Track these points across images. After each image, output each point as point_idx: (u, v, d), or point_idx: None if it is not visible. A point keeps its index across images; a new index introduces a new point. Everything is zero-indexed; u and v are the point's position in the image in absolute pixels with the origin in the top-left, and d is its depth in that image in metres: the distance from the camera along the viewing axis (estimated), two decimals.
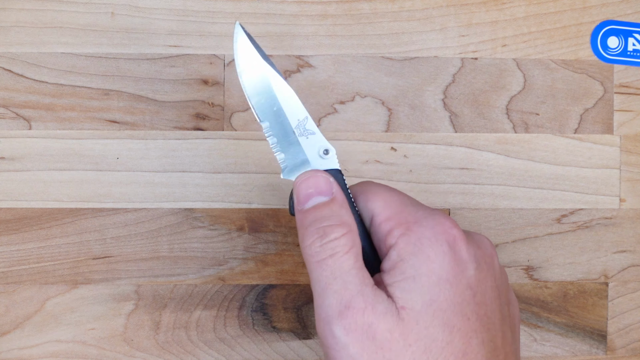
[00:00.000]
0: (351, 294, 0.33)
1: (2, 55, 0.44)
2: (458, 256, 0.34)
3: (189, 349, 0.46)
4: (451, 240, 0.34)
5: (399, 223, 0.35)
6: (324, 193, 0.35)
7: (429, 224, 0.34)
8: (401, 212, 0.35)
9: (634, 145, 0.48)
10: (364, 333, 0.33)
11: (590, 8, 0.48)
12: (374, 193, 0.36)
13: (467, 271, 0.34)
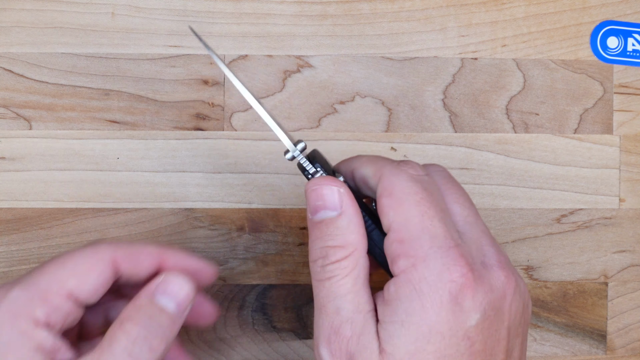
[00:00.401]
0: (341, 320, 0.32)
1: (3, 55, 0.44)
2: (459, 307, 0.31)
3: (189, 349, 0.46)
4: (455, 290, 0.31)
5: (408, 254, 0.32)
6: (333, 207, 0.34)
7: (436, 265, 0.31)
8: (415, 239, 0.32)
9: (634, 145, 0.48)
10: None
11: (589, 8, 0.48)
12: (398, 199, 0.33)
13: (467, 322, 0.31)
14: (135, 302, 0.34)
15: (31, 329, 0.32)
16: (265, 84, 0.46)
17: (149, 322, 0.33)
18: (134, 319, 0.33)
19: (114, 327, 0.33)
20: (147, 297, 0.34)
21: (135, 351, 0.33)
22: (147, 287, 0.35)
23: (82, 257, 0.35)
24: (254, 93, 0.39)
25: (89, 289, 0.34)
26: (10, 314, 0.32)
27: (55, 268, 0.34)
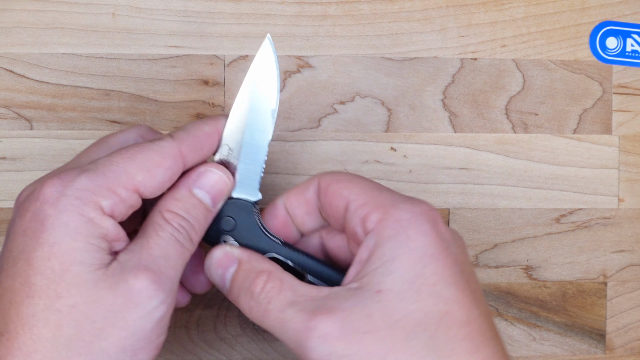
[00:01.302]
0: (308, 312, 0.33)
1: (4, 55, 0.44)
2: (440, 234, 0.33)
3: (189, 348, 0.46)
4: (432, 220, 0.34)
5: (376, 207, 0.34)
6: (230, 264, 0.36)
7: (407, 206, 0.34)
8: (377, 196, 0.35)
9: (633, 145, 0.49)
10: (340, 331, 0.32)
11: (589, 9, 0.48)
12: (348, 181, 0.36)
13: (450, 248, 0.34)
14: (174, 194, 0.35)
15: (98, 217, 0.33)
16: None
17: (187, 214, 0.35)
18: (174, 209, 0.35)
19: (156, 217, 0.34)
20: (187, 189, 0.35)
21: (180, 239, 0.34)
22: (186, 179, 0.36)
23: (151, 151, 0.35)
24: None
25: (156, 184, 0.34)
26: (78, 200, 0.33)
27: (123, 160, 0.34)
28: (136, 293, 0.32)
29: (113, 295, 0.32)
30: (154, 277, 0.33)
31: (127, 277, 0.32)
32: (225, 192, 0.37)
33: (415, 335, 0.31)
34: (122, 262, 0.33)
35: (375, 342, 0.31)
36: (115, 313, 0.32)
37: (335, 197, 0.36)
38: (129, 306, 0.32)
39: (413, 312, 0.32)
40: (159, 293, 0.33)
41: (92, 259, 0.32)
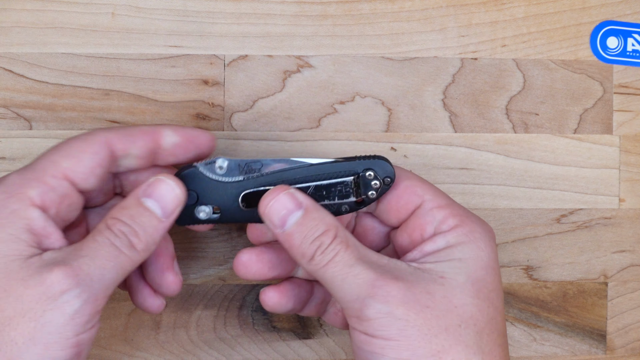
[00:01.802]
0: (375, 272, 0.35)
1: (3, 55, 0.44)
2: (496, 253, 0.38)
3: (189, 349, 0.46)
4: (494, 239, 0.38)
5: (453, 214, 0.38)
6: (296, 207, 0.36)
7: (478, 221, 0.38)
8: (452, 205, 0.38)
9: (633, 145, 0.48)
10: (403, 297, 0.34)
11: (589, 8, 0.48)
12: (420, 181, 0.39)
13: (499, 267, 0.38)
14: (122, 202, 0.36)
15: (23, 208, 0.33)
16: (265, 84, 0.46)
17: (131, 220, 0.35)
18: (118, 215, 0.35)
19: (100, 225, 0.35)
20: (135, 198, 0.36)
21: (117, 243, 0.34)
22: (137, 189, 0.36)
23: (76, 140, 0.36)
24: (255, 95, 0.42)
25: (84, 170, 0.35)
26: (4, 194, 0.34)
27: (50, 152, 0.35)
28: (49, 285, 0.32)
29: (23, 286, 0.32)
30: (70, 271, 0.33)
31: (42, 271, 0.33)
32: (177, 203, 0.36)
33: (467, 325, 0.35)
34: (44, 259, 0.33)
35: (433, 317, 0.34)
36: (25, 304, 0.32)
37: (407, 192, 0.39)
38: (40, 298, 0.32)
39: (470, 305, 0.35)
40: (73, 287, 0.32)
41: (9, 250, 0.33)
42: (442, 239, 0.37)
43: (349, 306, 0.35)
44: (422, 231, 0.38)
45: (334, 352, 0.47)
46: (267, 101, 0.46)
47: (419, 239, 0.38)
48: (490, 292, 0.36)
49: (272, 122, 0.46)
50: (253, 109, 0.46)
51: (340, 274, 0.35)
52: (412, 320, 0.34)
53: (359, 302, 0.35)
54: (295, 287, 0.40)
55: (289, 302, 0.40)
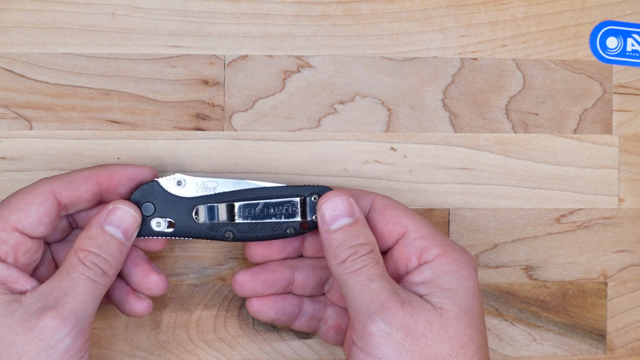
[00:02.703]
0: (389, 293, 0.38)
1: (3, 55, 0.44)
2: (478, 281, 0.40)
3: (189, 349, 0.46)
4: (476, 268, 0.40)
5: (436, 244, 0.40)
6: (349, 214, 0.40)
7: (460, 250, 0.40)
8: (435, 235, 0.40)
9: (633, 145, 0.49)
10: (405, 323, 0.37)
11: (589, 8, 0.48)
12: (405, 211, 0.41)
13: (481, 294, 0.40)
14: (87, 232, 0.39)
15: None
16: (265, 84, 0.46)
17: (99, 250, 0.38)
18: (87, 247, 0.38)
19: (71, 258, 0.38)
20: (97, 226, 0.39)
21: (92, 276, 0.37)
22: (96, 217, 0.39)
23: (22, 193, 0.39)
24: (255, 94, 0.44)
25: (32, 221, 0.38)
26: None
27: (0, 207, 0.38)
28: (39, 330, 0.36)
29: (14, 334, 0.35)
30: (56, 314, 0.36)
31: (30, 318, 0.36)
32: (135, 225, 0.40)
33: (456, 355, 0.37)
34: (26, 305, 0.36)
35: (426, 346, 0.37)
36: (18, 348, 0.35)
37: (392, 221, 0.41)
38: (32, 341, 0.35)
39: (462, 335, 0.38)
40: (62, 328, 0.36)
41: None
42: (428, 268, 0.39)
43: (357, 317, 0.38)
44: (407, 261, 0.40)
45: (334, 352, 0.47)
46: (267, 101, 0.46)
47: (403, 269, 0.41)
48: (478, 321, 0.39)
49: (272, 122, 0.46)
50: (253, 109, 0.46)
51: (361, 284, 0.38)
52: (408, 347, 0.37)
53: (366, 316, 0.37)
54: (279, 299, 0.43)
55: (270, 311, 0.43)
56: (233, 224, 0.41)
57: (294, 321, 0.44)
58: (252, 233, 0.42)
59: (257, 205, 0.42)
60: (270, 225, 0.42)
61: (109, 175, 0.40)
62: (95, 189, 0.40)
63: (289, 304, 0.43)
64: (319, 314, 0.44)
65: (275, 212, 0.41)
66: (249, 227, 0.41)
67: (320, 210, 0.40)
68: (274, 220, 0.41)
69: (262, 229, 0.42)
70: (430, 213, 0.47)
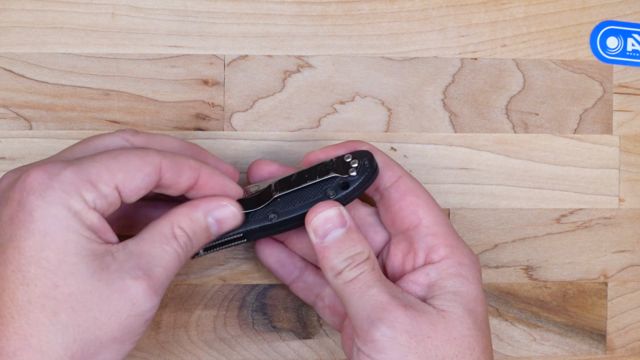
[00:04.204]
0: (388, 297, 0.38)
1: (3, 55, 0.44)
2: (482, 283, 0.40)
3: (189, 349, 0.46)
4: (480, 270, 0.40)
5: (445, 244, 0.40)
6: (341, 225, 0.39)
7: (467, 252, 0.40)
8: (447, 234, 0.40)
9: (633, 145, 0.49)
10: (408, 325, 0.37)
11: (589, 8, 0.48)
12: (426, 202, 0.40)
13: (484, 296, 0.40)
14: (190, 212, 0.38)
15: (85, 210, 0.34)
16: (265, 84, 0.46)
17: (193, 235, 0.38)
18: (185, 227, 0.37)
19: (165, 229, 0.37)
20: (203, 213, 0.38)
21: (180, 254, 0.37)
22: (205, 203, 0.38)
23: (133, 155, 0.36)
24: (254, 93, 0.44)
25: (134, 187, 0.36)
26: (64, 193, 0.34)
27: (107, 158, 0.36)
28: (134, 294, 0.35)
29: (109, 290, 0.34)
30: (152, 283, 0.35)
31: (125, 277, 0.35)
32: (231, 228, 0.39)
33: (463, 355, 0.37)
34: (119, 261, 0.35)
35: (432, 347, 0.37)
36: (111, 306, 0.34)
37: (409, 210, 0.40)
38: (126, 304, 0.35)
39: (467, 337, 0.38)
40: (154, 299, 0.35)
41: (85, 250, 0.34)
42: (434, 270, 0.39)
43: (360, 325, 0.37)
44: (415, 256, 0.40)
45: (334, 352, 0.47)
46: (267, 101, 0.46)
47: (410, 263, 0.41)
48: (482, 322, 0.39)
49: (272, 122, 0.46)
50: (253, 109, 0.46)
51: (359, 292, 0.38)
52: (414, 348, 0.37)
53: (368, 322, 0.37)
54: (284, 252, 0.43)
55: (270, 258, 0.43)
56: (274, 204, 0.40)
57: (291, 282, 0.44)
58: (293, 205, 0.40)
59: (292, 177, 0.41)
60: (309, 191, 0.40)
61: (207, 178, 0.39)
62: (191, 182, 0.38)
63: (291, 262, 0.43)
64: (317, 289, 0.44)
65: (309, 176, 0.40)
66: (288, 200, 0.40)
67: (311, 224, 0.39)
68: (311, 183, 0.40)
69: (302, 197, 0.40)
70: None
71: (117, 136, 0.39)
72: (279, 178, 0.41)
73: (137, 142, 0.39)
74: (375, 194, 0.42)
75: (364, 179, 0.40)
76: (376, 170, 0.40)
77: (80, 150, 0.38)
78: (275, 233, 0.41)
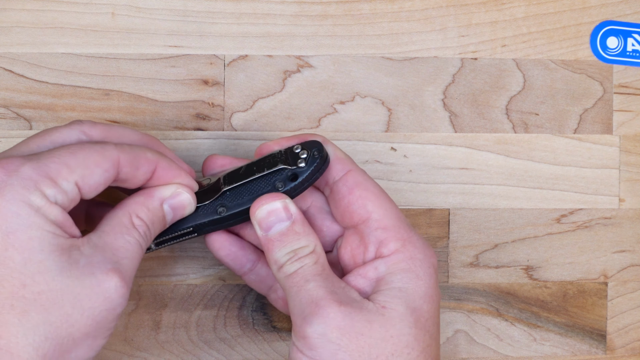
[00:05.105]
0: (325, 292, 0.36)
1: (3, 55, 0.44)
2: (436, 281, 0.39)
3: (189, 349, 0.46)
4: (435, 266, 0.39)
5: (396, 237, 0.38)
6: (284, 218, 0.38)
7: (420, 245, 0.39)
8: (399, 227, 0.39)
9: (633, 145, 0.49)
10: (341, 322, 0.36)
11: (589, 8, 0.48)
12: (375, 195, 0.39)
13: (439, 294, 0.39)
14: (146, 201, 0.37)
15: (47, 206, 0.34)
16: (265, 84, 0.46)
17: (152, 224, 0.37)
18: (143, 216, 0.37)
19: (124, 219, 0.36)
20: (159, 201, 0.38)
21: (142, 243, 0.37)
22: (160, 191, 0.38)
23: (92, 151, 0.36)
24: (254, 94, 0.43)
25: (93, 183, 0.36)
26: (24, 190, 0.33)
27: (66, 154, 0.35)
28: (106, 288, 0.34)
29: (80, 285, 0.34)
30: (122, 276, 0.35)
31: (95, 272, 0.34)
32: (185, 215, 0.39)
33: (399, 354, 0.36)
34: (86, 255, 0.34)
35: (366, 345, 0.36)
36: (84, 302, 0.34)
37: (358, 204, 0.39)
38: (99, 299, 0.34)
39: (406, 335, 0.36)
40: (125, 292, 0.35)
41: (51, 246, 0.33)
42: (383, 265, 0.38)
43: (295, 320, 0.37)
44: (365, 250, 0.39)
45: None
46: (267, 101, 0.46)
47: (360, 257, 0.40)
48: (427, 321, 0.37)
49: (272, 122, 0.46)
50: (253, 109, 0.46)
51: (297, 286, 0.37)
52: (345, 346, 0.36)
53: (301, 318, 0.36)
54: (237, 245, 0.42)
55: (221, 250, 0.41)
56: (223, 197, 0.40)
57: (244, 274, 0.42)
58: (242, 198, 0.39)
59: (240, 169, 0.40)
60: (257, 184, 0.39)
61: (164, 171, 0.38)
62: (148, 175, 0.38)
63: (243, 255, 0.42)
64: (270, 280, 0.42)
65: (257, 168, 0.39)
66: (238, 193, 0.40)
67: (255, 217, 0.38)
68: (259, 175, 0.39)
69: (251, 190, 0.39)
70: (430, 213, 0.47)
71: (74, 129, 0.38)
72: (228, 171, 0.40)
73: (94, 134, 0.38)
74: (325, 188, 0.41)
75: (312, 170, 0.39)
76: (326, 161, 0.39)
77: (36, 144, 0.37)
78: (226, 227, 0.40)
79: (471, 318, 0.48)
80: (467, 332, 0.48)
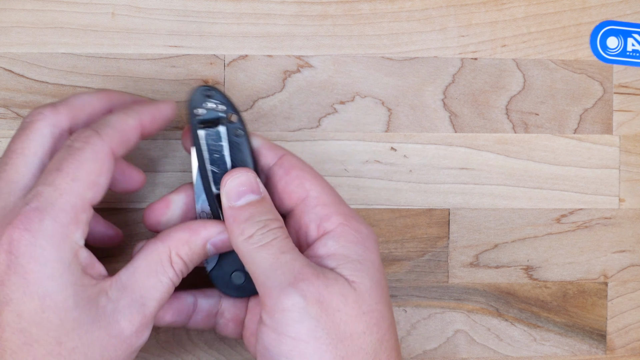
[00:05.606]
0: (301, 265, 0.35)
1: (3, 55, 0.44)
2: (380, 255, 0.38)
3: (189, 349, 0.46)
4: (377, 242, 0.38)
5: (337, 212, 0.38)
6: (256, 192, 0.38)
7: (362, 221, 0.38)
8: (338, 203, 0.38)
9: (634, 145, 0.49)
10: (320, 296, 0.35)
11: (589, 8, 0.48)
12: (311, 174, 0.39)
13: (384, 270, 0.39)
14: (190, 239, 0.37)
15: (75, 258, 0.34)
16: (265, 84, 0.46)
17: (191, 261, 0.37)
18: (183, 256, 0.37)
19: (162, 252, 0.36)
20: (203, 241, 0.37)
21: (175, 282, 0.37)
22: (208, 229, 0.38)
23: (86, 162, 0.35)
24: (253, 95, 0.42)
25: (103, 191, 0.36)
26: (54, 248, 0.33)
27: (69, 184, 0.34)
28: (128, 335, 0.35)
29: (107, 335, 0.34)
30: (145, 321, 0.35)
31: (120, 319, 0.35)
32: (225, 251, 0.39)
33: (370, 332, 0.35)
34: (114, 300, 0.35)
35: (342, 322, 0.35)
36: (110, 350, 0.34)
37: (295, 183, 0.39)
38: (122, 345, 0.35)
39: (375, 311, 0.36)
40: (146, 332, 0.36)
41: (84, 300, 0.34)
42: (331, 239, 0.37)
43: (269, 292, 0.35)
44: (307, 229, 0.38)
45: None
46: (267, 101, 0.46)
47: (304, 239, 0.39)
48: (387, 296, 0.37)
49: (272, 122, 0.46)
50: (253, 109, 0.46)
51: (272, 257, 0.36)
52: (323, 322, 0.34)
53: (279, 290, 0.35)
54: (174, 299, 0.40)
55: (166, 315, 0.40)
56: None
57: (189, 320, 0.41)
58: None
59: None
60: None
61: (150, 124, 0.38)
62: (137, 139, 0.38)
63: (184, 303, 0.40)
64: (214, 308, 0.41)
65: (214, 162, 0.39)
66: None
67: (225, 187, 0.37)
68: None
69: None
70: (430, 213, 0.47)
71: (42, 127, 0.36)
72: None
73: (61, 120, 0.37)
74: (260, 175, 0.40)
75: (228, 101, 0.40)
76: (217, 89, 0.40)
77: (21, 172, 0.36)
78: None
79: (471, 318, 0.48)
80: (467, 332, 0.48)
